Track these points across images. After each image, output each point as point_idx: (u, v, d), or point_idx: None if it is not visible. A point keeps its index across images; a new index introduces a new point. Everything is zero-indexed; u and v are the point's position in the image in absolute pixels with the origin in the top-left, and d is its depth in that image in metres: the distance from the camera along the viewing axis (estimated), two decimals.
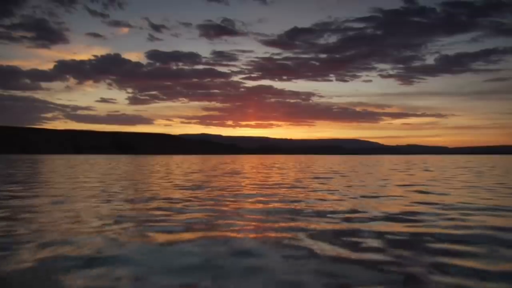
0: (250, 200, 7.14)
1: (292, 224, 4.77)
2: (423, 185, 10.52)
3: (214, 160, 53.04)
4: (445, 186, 10.21)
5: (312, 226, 4.65)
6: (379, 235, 4.20)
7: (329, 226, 4.63)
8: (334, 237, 4.10)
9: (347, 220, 5.08)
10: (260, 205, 6.42)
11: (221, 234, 4.19)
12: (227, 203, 6.70)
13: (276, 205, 6.46)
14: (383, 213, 5.64)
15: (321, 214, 5.49)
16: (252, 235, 4.15)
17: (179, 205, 6.37)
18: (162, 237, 4.05)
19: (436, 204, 6.61)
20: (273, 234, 4.20)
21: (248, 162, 38.06)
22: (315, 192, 8.58)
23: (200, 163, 35.22)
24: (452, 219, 5.17)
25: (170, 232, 4.31)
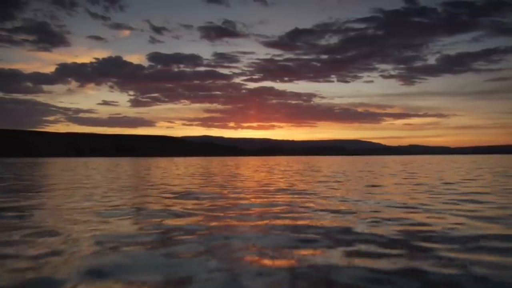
0: (248, 213, 5.89)
1: (303, 251, 3.52)
2: (453, 189, 9.23)
3: (215, 162, 51.82)
4: (479, 190, 8.92)
5: (330, 258, 3.39)
6: (439, 280, 2.95)
7: (354, 261, 3.37)
8: (361, 282, 2.85)
9: (374, 243, 3.81)
10: (261, 222, 5.15)
11: (211, 271, 2.95)
12: (221, 217, 5.45)
13: (281, 221, 5.16)
14: (430, 235, 4.38)
15: (338, 237, 4.21)
16: (251, 274, 2.91)
17: (166, 222, 5.12)
18: (120, 282, 2.81)
19: (497, 218, 5.25)
20: (278, 272, 2.95)
21: (249, 164, 36.81)
22: (325, 199, 7.31)
23: (201, 165, 33.99)
24: None
25: (131, 274, 3.07)
